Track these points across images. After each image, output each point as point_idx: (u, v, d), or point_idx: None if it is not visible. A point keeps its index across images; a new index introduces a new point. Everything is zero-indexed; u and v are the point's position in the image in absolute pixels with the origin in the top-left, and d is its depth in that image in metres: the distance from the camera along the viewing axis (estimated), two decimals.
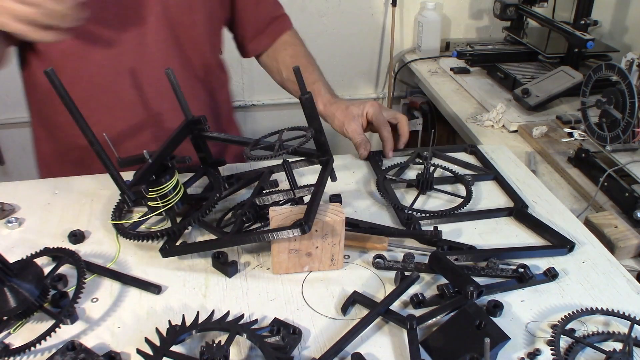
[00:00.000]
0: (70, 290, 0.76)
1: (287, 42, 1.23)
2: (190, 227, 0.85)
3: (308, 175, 1.05)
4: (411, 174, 1.08)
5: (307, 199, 0.85)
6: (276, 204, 0.89)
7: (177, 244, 0.85)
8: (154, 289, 0.78)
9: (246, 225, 0.88)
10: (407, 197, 1.01)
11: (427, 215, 0.93)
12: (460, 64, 2.00)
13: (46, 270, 0.76)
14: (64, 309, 0.71)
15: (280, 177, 1.00)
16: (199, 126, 0.94)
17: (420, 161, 1.10)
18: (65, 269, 0.81)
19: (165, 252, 0.83)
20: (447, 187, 1.03)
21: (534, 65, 1.88)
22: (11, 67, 2.01)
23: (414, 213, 0.93)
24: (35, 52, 1.02)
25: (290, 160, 0.87)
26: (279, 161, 0.93)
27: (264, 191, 0.94)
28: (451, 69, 2.00)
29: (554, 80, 1.65)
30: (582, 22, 1.86)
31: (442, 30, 2.24)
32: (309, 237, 0.79)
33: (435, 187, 1.02)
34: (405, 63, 2.27)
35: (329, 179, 0.89)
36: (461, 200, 0.98)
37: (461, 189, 1.02)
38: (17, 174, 2.31)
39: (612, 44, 1.96)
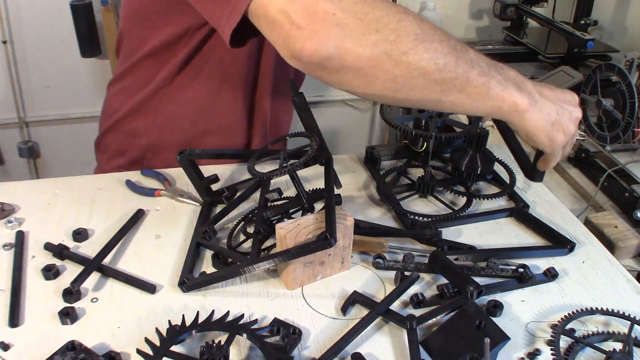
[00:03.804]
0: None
1: None
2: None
3: (302, 173, 1.03)
4: (412, 173, 1.08)
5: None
6: (287, 214, 0.88)
7: (196, 275, 0.81)
8: (149, 288, 0.78)
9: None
10: (407, 201, 1.00)
11: (430, 219, 0.93)
12: None
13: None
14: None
15: (278, 181, 0.99)
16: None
17: (417, 164, 1.10)
18: (63, 264, 0.82)
19: (187, 286, 0.78)
20: (447, 191, 1.02)
21: (534, 65, 1.88)
22: (6, 68, 2.01)
23: (417, 217, 0.93)
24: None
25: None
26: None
27: (271, 202, 0.92)
28: None
29: (554, 80, 1.65)
30: (582, 22, 1.86)
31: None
32: None
33: (437, 189, 1.01)
34: None
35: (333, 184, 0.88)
36: (462, 202, 0.98)
37: (461, 189, 1.02)
38: (17, 174, 2.32)
39: (612, 44, 1.96)
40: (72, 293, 0.75)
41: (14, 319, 0.72)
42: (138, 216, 0.92)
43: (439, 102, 0.71)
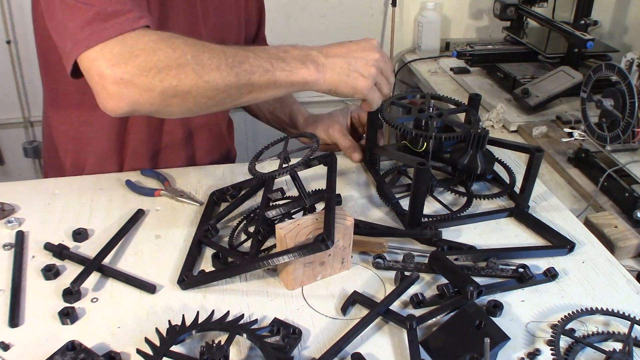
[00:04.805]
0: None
1: None
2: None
3: (304, 172, 1.02)
4: (412, 173, 1.08)
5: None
6: (288, 215, 0.88)
7: (195, 273, 0.81)
8: (149, 288, 0.78)
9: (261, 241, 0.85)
10: (407, 200, 1.00)
11: (430, 219, 0.93)
12: (460, 64, 2.00)
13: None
14: None
15: (281, 181, 0.99)
16: None
17: None
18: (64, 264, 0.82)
19: (185, 284, 0.78)
20: (447, 191, 1.02)
21: (534, 65, 1.88)
22: (9, 67, 2.01)
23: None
24: None
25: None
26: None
27: (273, 202, 0.92)
28: (451, 69, 2.00)
29: (554, 80, 1.65)
30: (582, 22, 1.86)
31: (442, 30, 2.24)
32: None
33: (437, 189, 1.01)
34: (405, 63, 2.27)
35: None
36: (462, 202, 0.98)
37: (461, 190, 1.02)
38: (17, 174, 2.32)
39: (612, 44, 1.96)
40: (72, 293, 0.75)
41: (14, 319, 0.72)
42: (138, 216, 0.92)
43: (239, 103, 0.85)
